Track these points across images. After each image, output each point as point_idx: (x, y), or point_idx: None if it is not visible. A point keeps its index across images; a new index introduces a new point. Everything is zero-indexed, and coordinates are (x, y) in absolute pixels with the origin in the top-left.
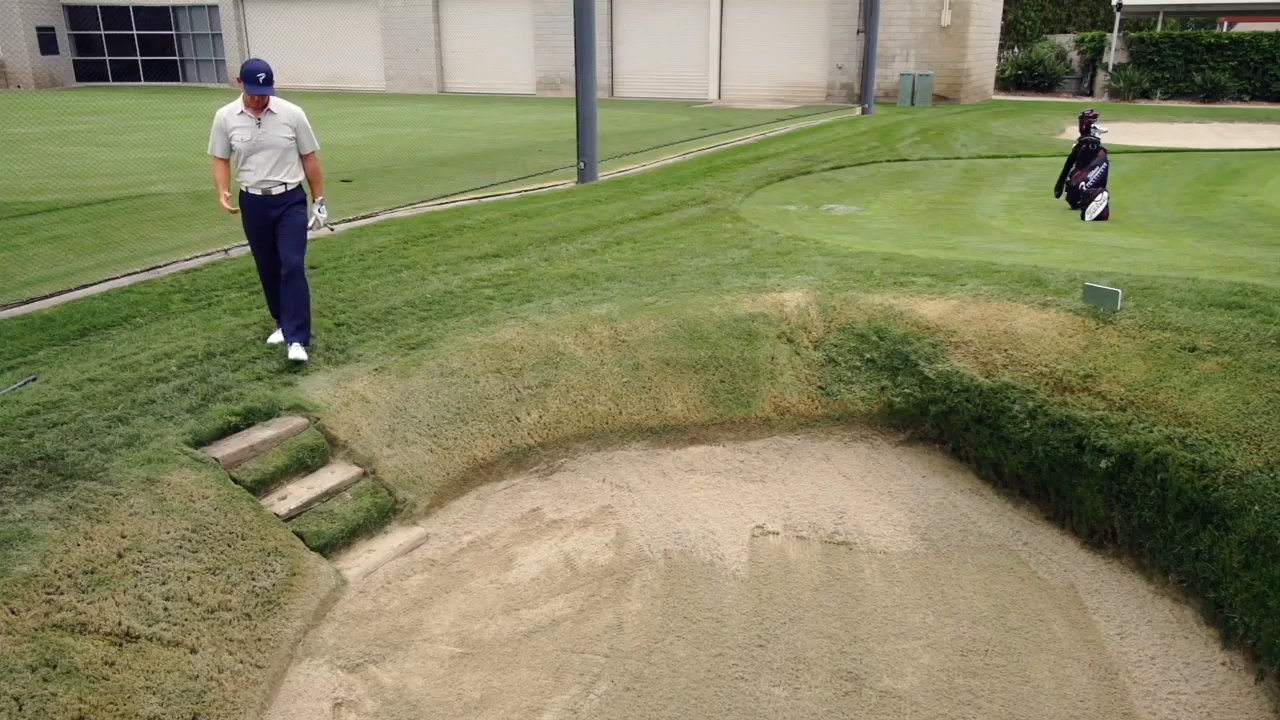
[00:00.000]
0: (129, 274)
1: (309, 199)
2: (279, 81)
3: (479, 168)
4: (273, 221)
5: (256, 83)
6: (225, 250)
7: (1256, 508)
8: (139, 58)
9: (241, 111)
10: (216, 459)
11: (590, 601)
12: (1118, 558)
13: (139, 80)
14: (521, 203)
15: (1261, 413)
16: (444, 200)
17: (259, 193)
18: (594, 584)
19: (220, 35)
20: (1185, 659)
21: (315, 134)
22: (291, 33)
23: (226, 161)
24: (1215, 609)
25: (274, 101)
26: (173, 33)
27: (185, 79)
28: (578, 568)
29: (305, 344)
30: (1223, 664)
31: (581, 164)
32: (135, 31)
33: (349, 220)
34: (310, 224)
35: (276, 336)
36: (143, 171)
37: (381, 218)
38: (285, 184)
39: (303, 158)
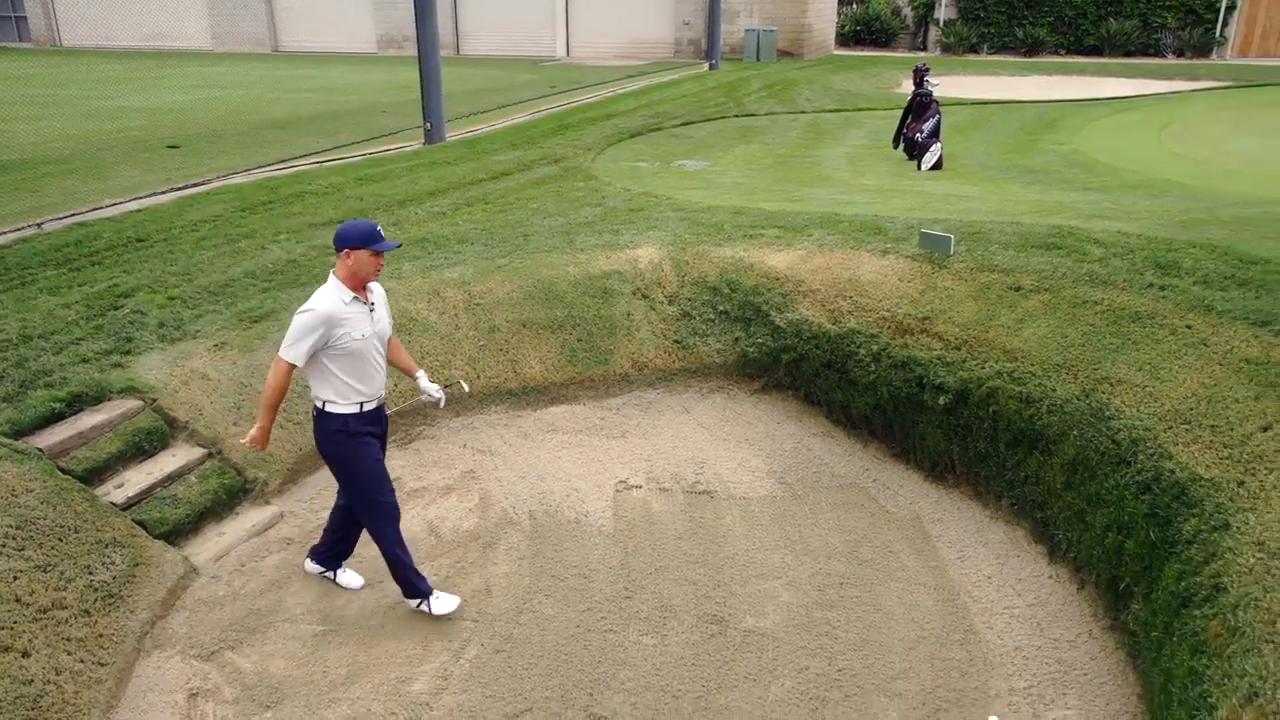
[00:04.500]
0: None
1: (417, 380)
2: (90, 40)
3: (319, 130)
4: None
5: (382, 239)
6: (38, 224)
7: (1074, 433)
8: None
9: (353, 298)
10: (40, 449)
11: (456, 568)
12: (957, 487)
13: None
14: (366, 166)
15: (1077, 345)
16: (283, 165)
17: (374, 407)
18: (459, 550)
19: None
20: (1018, 575)
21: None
22: None
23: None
24: (1042, 528)
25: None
26: None
27: None
28: (442, 535)
29: None
30: (1050, 577)
31: (428, 125)
32: None
33: (178, 189)
34: (440, 403)
35: (354, 577)
36: None
37: (215, 185)
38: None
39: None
